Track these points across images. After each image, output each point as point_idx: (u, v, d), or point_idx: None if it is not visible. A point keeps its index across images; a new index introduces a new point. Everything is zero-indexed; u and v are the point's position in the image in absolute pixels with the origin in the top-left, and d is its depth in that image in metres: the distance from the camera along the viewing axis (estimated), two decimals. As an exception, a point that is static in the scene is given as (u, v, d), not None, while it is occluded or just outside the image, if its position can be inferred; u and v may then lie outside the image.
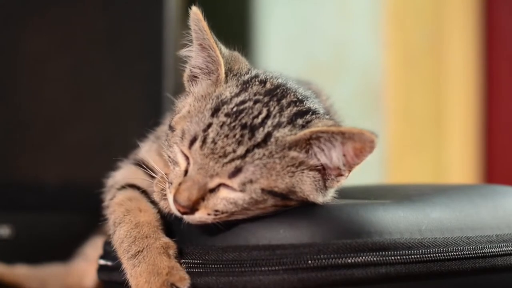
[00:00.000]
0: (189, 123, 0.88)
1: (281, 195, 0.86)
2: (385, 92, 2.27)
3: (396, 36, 2.28)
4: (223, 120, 0.86)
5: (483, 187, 1.17)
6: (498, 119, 2.45)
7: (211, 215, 0.86)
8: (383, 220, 0.88)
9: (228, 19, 2.29)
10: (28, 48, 1.59)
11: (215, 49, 0.91)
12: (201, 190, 0.85)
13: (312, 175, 0.88)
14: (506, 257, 0.93)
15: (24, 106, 1.60)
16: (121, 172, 1.03)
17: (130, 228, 0.91)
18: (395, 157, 2.27)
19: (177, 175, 0.88)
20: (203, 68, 0.94)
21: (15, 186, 1.57)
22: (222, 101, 0.88)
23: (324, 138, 0.86)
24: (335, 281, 0.84)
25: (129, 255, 0.89)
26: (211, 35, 0.91)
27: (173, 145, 0.90)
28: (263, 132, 0.86)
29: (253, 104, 0.88)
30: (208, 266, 0.87)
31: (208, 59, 0.93)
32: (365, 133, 0.85)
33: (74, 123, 1.60)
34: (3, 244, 1.52)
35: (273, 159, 0.86)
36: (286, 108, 0.89)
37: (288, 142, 0.86)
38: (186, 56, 0.95)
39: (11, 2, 1.59)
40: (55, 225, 1.51)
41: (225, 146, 0.85)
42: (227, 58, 0.93)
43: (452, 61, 2.36)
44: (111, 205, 0.97)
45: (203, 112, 0.88)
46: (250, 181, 0.85)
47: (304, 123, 0.88)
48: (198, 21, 0.92)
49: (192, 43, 0.94)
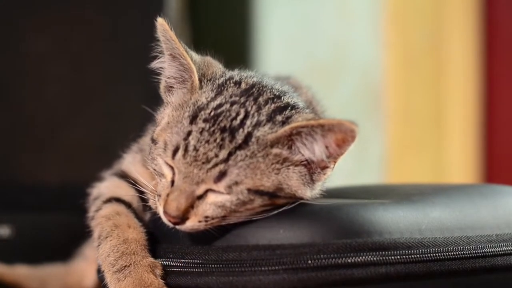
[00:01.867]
0: (169, 134, 0.88)
1: (268, 194, 0.86)
2: (385, 92, 2.27)
3: (396, 36, 2.28)
4: (202, 126, 0.86)
5: (483, 186, 1.17)
6: (498, 119, 2.45)
7: (202, 222, 0.86)
8: (383, 220, 0.88)
9: (228, 19, 2.29)
10: (28, 48, 1.59)
11: (185, 57, 0.91)
12: (189, 198, 0.85)
13: (298, 170, 0.88)
14: (506, 257, 0.93)
15: (24, 106, 1.60)
16: (106, 184, 1.02)
17: (118, 243, 0.91)
18: (395, 157, 2.27)
19: (164, 187, 0.88)
20: (177, 77, 0.94)
21: (15, 186, 1.58)
22: (199, 108, 0.88)
23: (304, 132, 0.86)
24: (335, 281, 0.84)
25: (115, 269, 0.89)
26: (180, 44, 0.91)
27: (157, 157, 0.89)
28: (243, 133, 0.86)
29: (230, 106, 0.88)
30: (208, 266, 0.87)
31: (180, 67, 0.93)
32: (344, 123, 0.85)
33: (74, 123, 1.60)
34: (3, 244, 1.53)
35: (256, 158, 0.85)
36: (263, 106, 0.89)
37: (270, 140, 0.86)
38: (159, 68, 0.95)
39: (11, 2, 1.59)
40: (55, 225, 1.51)
41: (207, 152, 0.85)
42: (199, 64, 0.93)
43: (452, 61, 2.36)
44: (96, 217, 0.97)
45: (182, 121, 0.88)
46: (235, 183, 0.85)
47: (284, 119, 0.88)
48: (165, 32, 0.92)
49: (163, 54, 0.94)
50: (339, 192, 1.07)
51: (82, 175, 1.06)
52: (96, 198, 1.01)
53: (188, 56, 0.91)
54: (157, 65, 0.95)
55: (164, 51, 0.93)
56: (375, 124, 2.27)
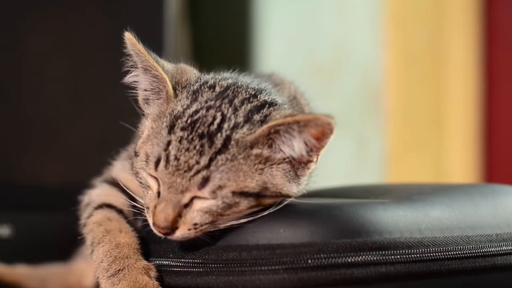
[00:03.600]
0: (150, 146, 0.88)
1: (253, 195, 0.86)
2: (385, 92, 2.27)
3: (396, 36, 2.27)
4: (181, 134, 0.86)
5: (483, 186, 1.17)
6: (498, 119, 2.45)
7: (192, 230, 0.86)
8: (383, 219, 0.88)
9: (228, 19, 2.29)
10: (29, 48, 1.59)
11: (156, 68, 0.91)
12: (176, 208, 0.85)
13: (281, 168, 0.88)
14: (506, 256, 0.93)
15: (24, 106, 1.60)
16: (96, 191, 1.03)
17: (111, 248, 0.92)
18: (395, 157, 2.27)
19: (151, 199, 0.88)
20: (152, 89, 0.93)
21: (15, 186, 1.58)
22: (176, 116, 0.88)
23: (282, 130, 0.86)
24: (335, 280, 0.84)
25: (109, 274, 0.89)
26: (149, 56, 0.91)
27: (140, 170, 0.89)
28: (221, 137, 0.86)
29: (206, 111, 0.88)
30: (208, 265, 0.87)
31: (153, 79, 0.93)
32: (320, 117, 0.85)
33: (74, 123, 1.60)
34: (3, 244, 1.53)
35: (237, 161, 0.85)
36: (239, 107, 0.89)
37: (249, 141, 0.86)
38: (133, 82, 0.95)
39: (11, 2, 1.59)
40: (55, 225, 1.51)
41: (188, 160, 0.85)
42: (172, 73, 0.93)
43: (452, 61, 2.36)
44: (88, 223, 0.97)
45: (161, 131, 0.88)
46: (219, 187, 0.85)
47: (262, 118, 0.88)
48: (133, 46, 0.92)
49: (135, 68, 0.93)
50: (339, 192, 1.07)
51: (82, 175, 1.06)
52: (87, 205, 1.01)
53: (159, 66, 0.91)
54: (131, 79, 0.95)
55: (135, 65, 0.93)
56: (375, 124, 2.26)
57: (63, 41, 1.60)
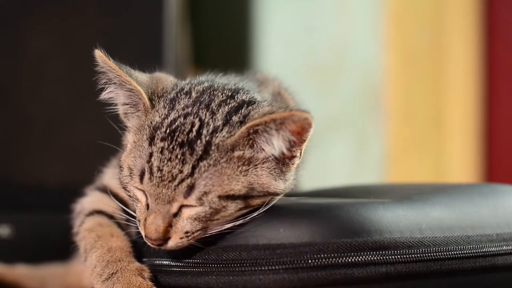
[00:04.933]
0: (133, 159, 0.88)
1: (240, 197, 0.86)
2: (385, 92, 2.27)
3: (396, 36, 2.28)
4: (161, 145, 0.86)
5: (483, 186, 1.17)
6: (498, 119, 2.45)
7: (184, 238, 0.86)
8: (383, 219, 0.88)
9: (228, 19, 2.29)
10: (28, 48, 1.59)
11: (130, 82, 0.91)
12: (165, 218, 0.85)
13: (266, 167, 0.87)
14: (506, 256, 0.93)
15: (24, 106, 1.60)
16: (88, 199, 1.03)
17: (103, 253, 0.92)
18: (395, 157, 2.27)
19: (141, 211, 0.88)
20: (129, 103, 0.93)
21: (15, 186, 1.58)
22: (155, 127, 0.88)
23: (260, 129, 0.86)
24: (335, 280, 0.84)
25: (103, 278, 0.90)
26: (121, 71, 0.91)
27: (126, 184, 0.89)
28: (202, 144, 0.85)
29: (184, 119, 0.87)
30: (208, 265, 0.87)
31: (129, 93, 0.92)
32: (295, 114, 0.84)
33: (74, 123, 1.60)
34: (3, 244, 1.53)
35: (220, 165, 0.85)
36: (217, 110, 0.88)
37: (229, 144, 0.86)
38: (110, 98, 0.94)
39: (11, 2, 1.59)
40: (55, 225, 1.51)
41: (171, 170, 0.84)
42: (147, 84, 0.92)
43: (452, 61, 2.36)
44: (80, 231, 0.97)
45: (142, 144, 0.88)
46: (204, 193, 0.85)
47: (241, 119, 0.88)
48: (104, 63, 0.92)
49: (109, 84, 0.93)
50: (339, 192, 1.07)
51: (82, 175, 1.06)
52: (79, 213, 1.01)
53: (133, 80, 0.91)
54: (107, 96, 0.94)
55: (109, 81, 0.92)
56: (375, 124, 2.27)
57: (63, 41, 1.60)
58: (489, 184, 1.15)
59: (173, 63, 1.59)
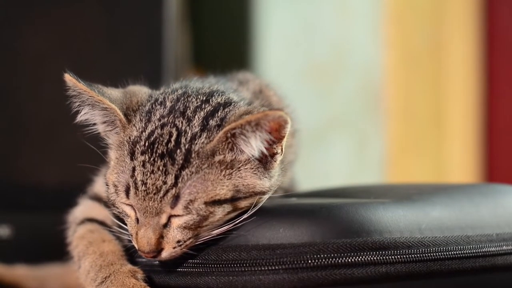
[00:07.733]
0: (116, 175, 0.88)
1: (226, 201, 0.86)
2: (385, 92, 2.27)
3: (396, 36, 2.28)
4: (142, 159, 0.86)
5: (483, 186, 1.17)
6: (498, 119, 2.45)
7: (177, 248, 0.86)
8: (383, 219, 0.88)
9: (228, 20, 2.29)
10: (28, 48, 1.59)
11: (103, 101, 0.90)
12: (156, 230, 0.86)
13: (249, 167, 0.87)
14: (506, 256, 0.93)
15: (23, 106, 1.60)
16: (79, 208, 1.03)
17: (95, 258, 0.92)
18: (395, 157, 2.27)
19: (132, 226, 0.88)
20: (106, 121, 0.93)
21: (15, 186, 1.57)
22: (134, 142, 0.88)
23: (237, 132, 0.86)
24: (335, 280, 0.84)
25: (96, 283, 0.90)
26: (92, 91, 0.90)
27: (113, 201, 0.89)
28: (181, 153, 0.85)
29: (161, 130, 0.87)
30: (208, 266, 0.87)
31: (104, 111, 0.92)
32: (268, 114, 0.84)
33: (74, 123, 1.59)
34: (3, 244, 1.52)
35: (202, 172, 0.85)
36: (193, 117, 0.88)
37: (209, 150, 0.86)
38: (86, 119, 0.94)
39: (11, 2, 1.59)
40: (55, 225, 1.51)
41: (155, 182, 0.84)
42: (121, 100, 0.92)
43: (452, 61, 2.36)
44: (73, 240, 0.98)
45: (124, 159, 0.88)
46: (190, 201, 0.85)
47: (218, 122, 0.87)
48: (75, 86, 0.92)
49: (83, 106, 0.93)
50: (339, 192, 1.07)
51: (81, 175, 1.06)
52: (72, 223, 1.02)
53: (106, 98, 0.91)
54: (84, 118, 0.94)
55: (83, 103, 0.92)
56: (375, 124, 2.27)
57: (63, 41, 1.60)
58: (489, 184, 1.15)
59: (173, 63, 1.59)
